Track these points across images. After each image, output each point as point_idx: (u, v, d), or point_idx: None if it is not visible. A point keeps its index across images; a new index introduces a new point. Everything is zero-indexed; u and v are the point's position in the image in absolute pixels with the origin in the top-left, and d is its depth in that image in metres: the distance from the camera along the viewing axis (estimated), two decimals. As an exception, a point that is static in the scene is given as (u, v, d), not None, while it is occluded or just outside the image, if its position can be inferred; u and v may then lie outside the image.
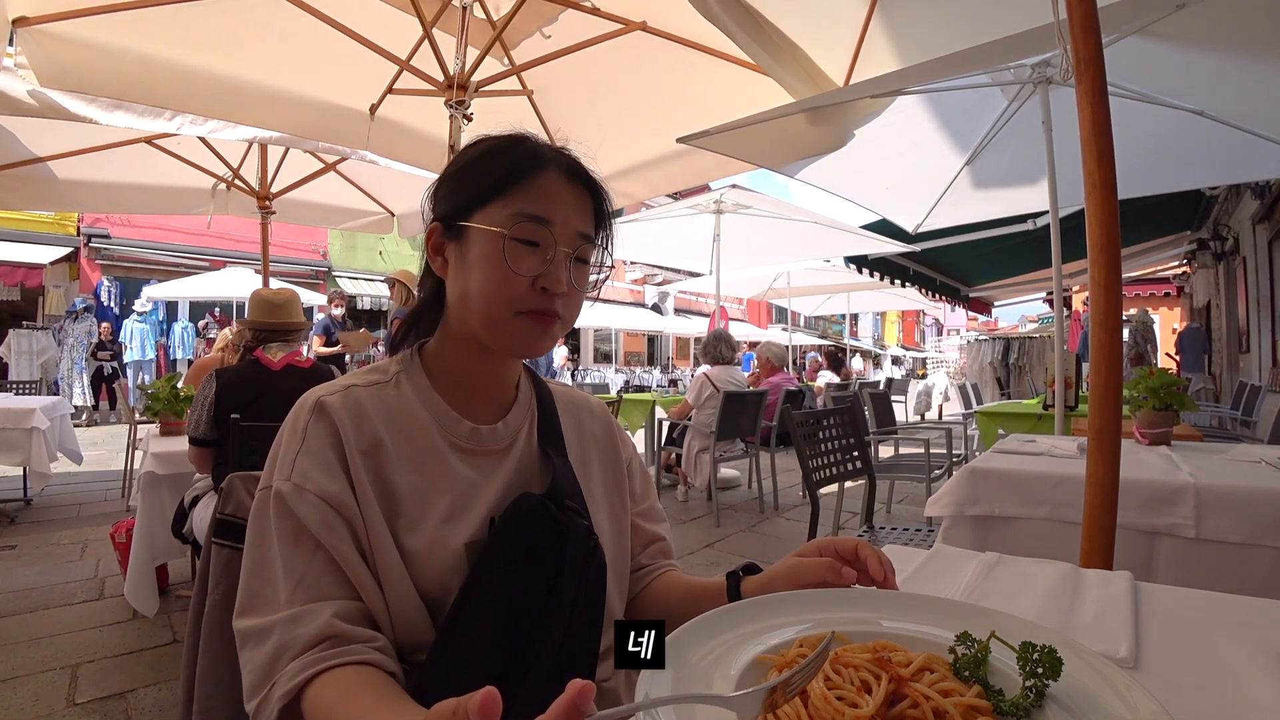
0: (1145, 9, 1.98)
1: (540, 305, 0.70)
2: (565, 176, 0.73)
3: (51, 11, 2.38)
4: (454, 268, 0.74)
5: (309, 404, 0.70)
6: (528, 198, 0.71)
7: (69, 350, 10.27)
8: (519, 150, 0.73)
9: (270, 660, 0.59)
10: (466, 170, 0.74)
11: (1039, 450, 2.04)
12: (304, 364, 2.42)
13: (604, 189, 0.78)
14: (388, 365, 0.78)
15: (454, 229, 0.73)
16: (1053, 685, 0.48)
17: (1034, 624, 0.57)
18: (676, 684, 0.48)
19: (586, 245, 0.74)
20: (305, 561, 0.63)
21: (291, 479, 0.65)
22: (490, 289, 0.69)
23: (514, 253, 0.69)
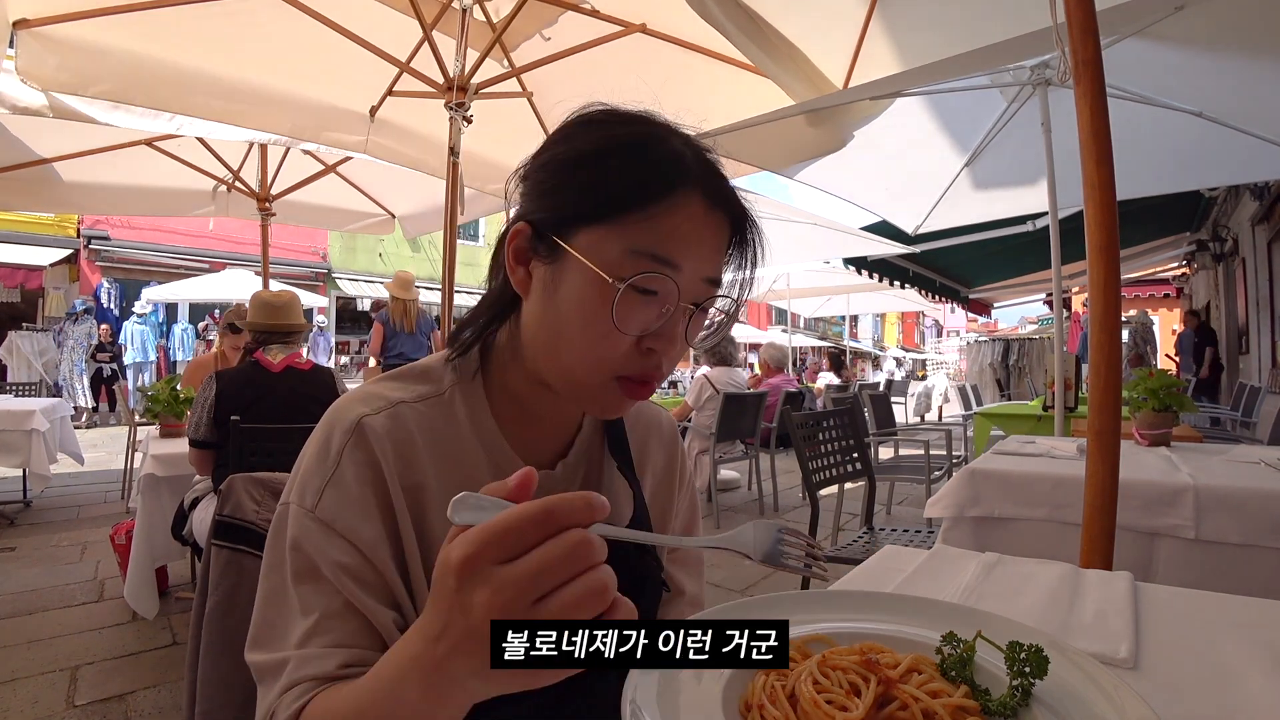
0: (1144, 11, 1.98)
1: (642, 372, 0.57)
2: (706, 200, 0.56)
3: (52, 14, 2.38)
4: (539, 294, 0.58)
5: (345, 422, 0.58)
6: (655, 229, 0.54)
7: (69, 352, 10.27)
8: (656, 151, 0.56)
9: (275, 699, 0.52)
10: (577, 167, 0.57)
11: (1039, 451, 2.05)
12: (304, 366, 2.42)
13: (752, 219, 0.60)
14: (441, 371, 0.65)
15: (547, 242, 0.57)
16: (1041, 686, 0.48)
17: (1021, 624, 0.57)
18: (662, 682, 0.48)
19: (713, 296, 0.58)
20: (324, 602, 0.54)
21: (317, 513, 0.55)
22: (584, 344, 0.55)
23: (626, 306, 0.53)
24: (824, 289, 10.36)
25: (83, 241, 11.52)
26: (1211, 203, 8.38)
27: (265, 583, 0.57)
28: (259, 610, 0.57)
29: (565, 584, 0.35)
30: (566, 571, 0.35)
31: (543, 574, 0.35)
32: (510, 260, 0.60)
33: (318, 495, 0.56)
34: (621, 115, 0.60)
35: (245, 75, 2.89)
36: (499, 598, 0.35)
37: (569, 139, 0.59)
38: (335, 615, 0.54)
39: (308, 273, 14.05)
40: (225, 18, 2.61)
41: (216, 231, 12.59)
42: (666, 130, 0.59)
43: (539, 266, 0.58)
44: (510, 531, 0.36)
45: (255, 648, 0.55)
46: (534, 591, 0.35)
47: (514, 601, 0.35)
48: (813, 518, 2.30)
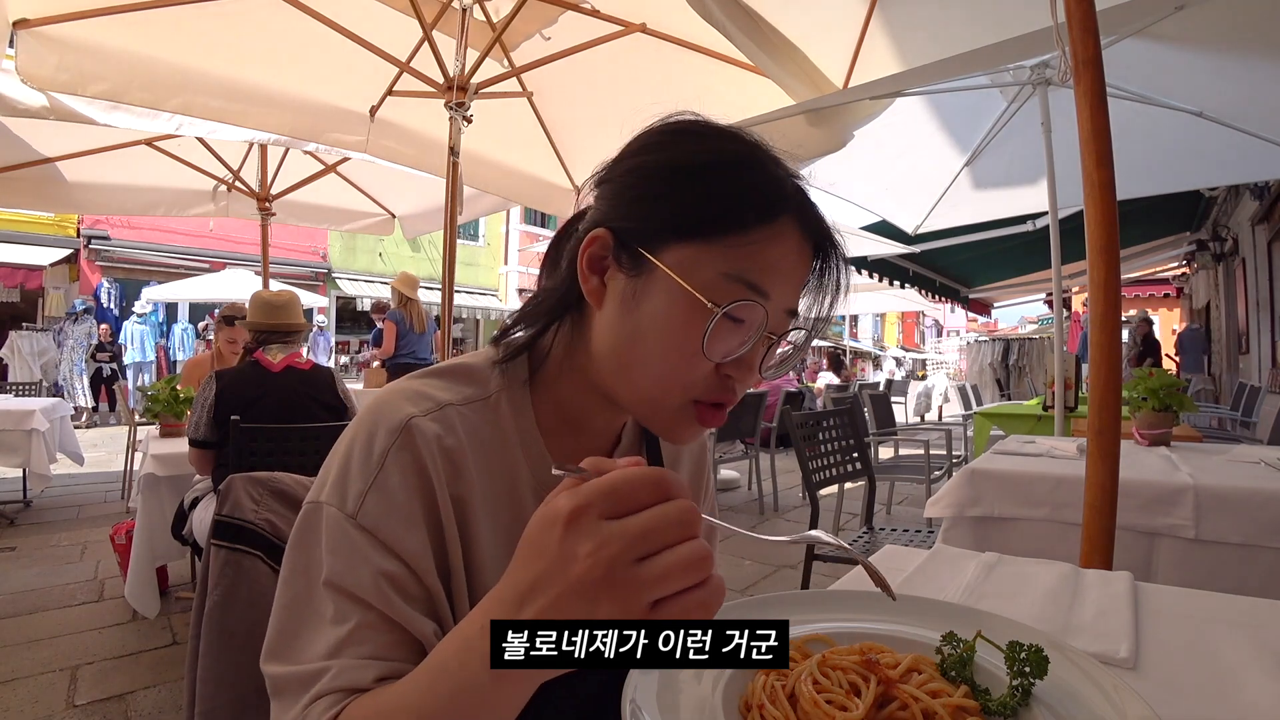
0: (1144, 10, 1.98)
1: (720, 395, 0.55)
2: (800, 229, 0.54)
3: (52, 13, 2.38)
4: (615, 308, 0.55)
5: (392, 422, 0.54)
6: (753, 255, 0.52)
7: (69, 352, 10.27)
8: (761, 172, 0.54)
9: (300, 712, 0.47)
10: (673, 178, 0.54)
11: (1039, 451, 2.05)
12: (304, 365, 2.42)
13: (841, 250, 0.58)
14: (488, 373, 0.61)
15: (631, 253, 0.54)
16: (1041, 686, 0.48)
17: (1021, 624, 0.57)
18: (662, 682, 0.48)
19: (792, 331, 0.57)
20: (360, 610, 0.49)
21: (359, 519, 0.51)
22: (664, 367, 0.53)
23: (716, 331, 0.51)
24: (824, 289, 10.32)
25: (83, 241, 11.51)
26: (1211, 202, 8.38)
27: (288, 588, 0.53)
28: (279, 618, 0.52)
29: (669, 548, 0.35)
30: (673, 536, 0.35)
31: (651, 534, 0.35)
32: (584, 267, 0.56)
33: (359, 500, 0.52)
34: (718, 129, 0.57)
35: (245, 75, 2.89)
36: (605, 551, 0.34)
37: (662, 147, 0.57)
38: (372, 626, 0.49)
39: (308, 273, 14.04)
40: (225, 17, 2.61)
41: (216, 231, 12.58)
42: (766, 152, 0.57)
43: (618, 278, 0.55)
44: (623, 488, 0.35)
45: (274, 659, 0.51)
46: (640, 549, 0.34)
47: (619, 557, 0.34)
48: (813, 518, 2.30)
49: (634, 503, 0.35)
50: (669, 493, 0.36)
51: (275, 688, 0.50)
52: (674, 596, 0.35)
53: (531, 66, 2.72)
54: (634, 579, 0.34)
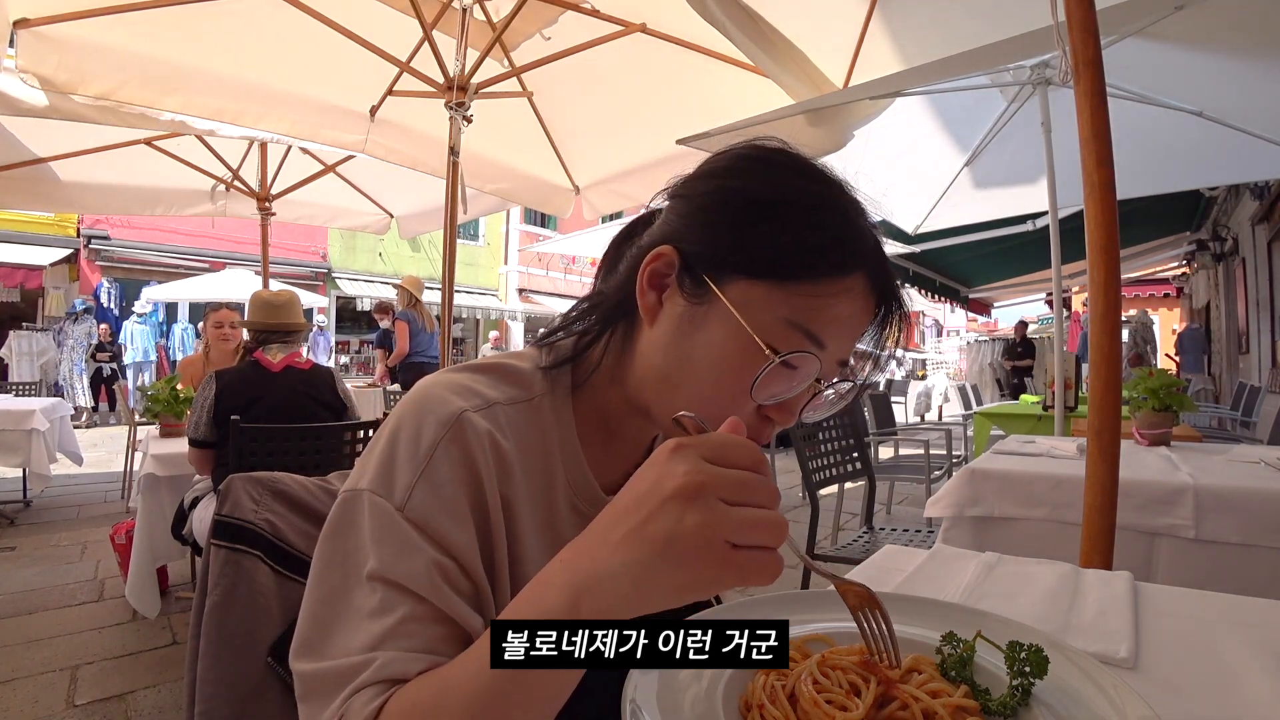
0: (1144, 10, 1.98)
1: (754, 436, 0.53)
2: (871, 286, 0.54)
3: (52, 13, 2.38)
4: (670, 328, 0.55)
5: (443, 414, 0.53)
6: (820, 308, 0.52)
7: (69, 351, 10.27)
8: (843, 223, 0.54)
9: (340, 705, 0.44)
10: (753, 209, 0.53)
11: (1039, 451, 2.05)
12: (303, 365, 2.42)
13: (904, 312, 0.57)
14: (532, 376, 0.60)
15: (695, 278, 0.54)
16: (1041, 686, 0.48)
17: (1020, 624, 0.57)
18: (662, 682, 0.48)
19: (839, 381, 0.57)
20: (409, 603, 0.47)
21: (406, 512, 0.49)
22: (708, 399, 0.53)
23: (768, 376, 0.51)
24: (824, 288, 10.34)
25: (83, 241, 11.51)
26: (1211, 202, 8.38)
27: (323, 581, 0.50)
28: (313, 611, 0.49)
29: (755, 506, 0.37)
30: (761, 498, 0.38)
31: (743, 486, 0.37)
32: (644, 282, 0.56)
33: (407, 492, 0.50)
34: (804, 164, 0.57)
35: (245, 74, 2.89)
36: (699, 476, 0.37)
37: (743, 174, 0.56)
38: (421, 619, 0.47)
39: (308, 272, 14.04)
40: (225, 17, 2.61)
41: (216, 231, 12.58)
42: (849, 197, 0.56)
43: (677, 300, 0.55)
44: (728, 446, 0.39)
45: (306, 655, 0.48)
46: (730, 493, 0.37)
47: (710, 485, 0.37)
48: (813, 517, 2.29)
49: (734, 461, 0.38)
50: (763, 470, 0.39)
51: (307, 688, 0.47)
52: (750, 549, 0.37)
53: (531, 66, 2.72)
54: (721, 511, 0.37)
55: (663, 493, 0.37)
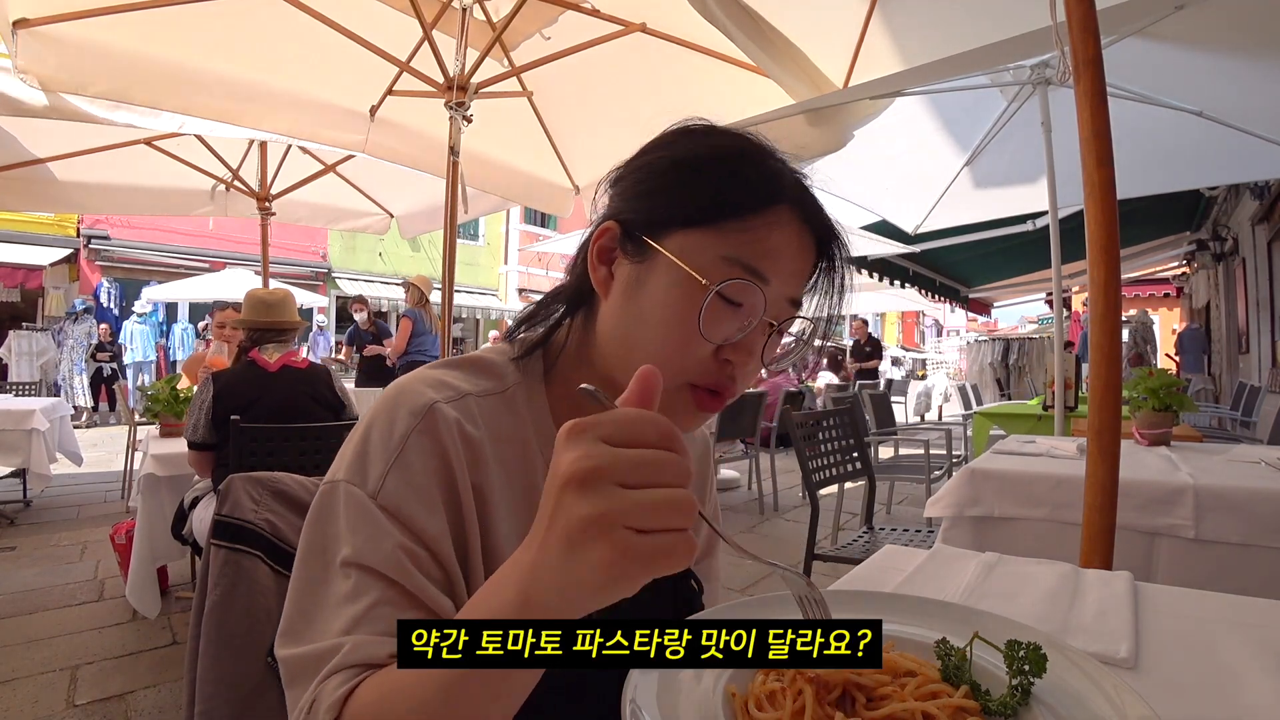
0: (1144, 10, 1.98)
1: (717, 380, 0.56)
2: (799, 217, 0.57)
3: (52, 13, 2.38)
4: (620, 294, 0.58)
5: (415, 405, 0.55)
6: (748, 239, 0.54)
7: (69, 351, 10.27)
8: (753, 167, 0.57)
9: (315, 688, 0.46)
10: (675, 172, 0.57)
11: (1039, 451, 2.05)
12: (300, 364, 2.42)
13: (841, 241, 0.60)
14: (504, 368, 0.62)
15: (636, 242, 0.57)
16: (1041, 686, 0.48)
17: (1020, 624, 0.57)
18: (662, 682, 0.48)
19: (791, 319, 0.58)
20: (380, 588, 0.49)
21: (379, 500, 0.51)
22: (664, 348, 0.54)
23: (712, 311, 0.53)
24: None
25: (82, 241, 11.51)
26: (1211, 202, 8.38)
27: (304, 569, 0.52)
28: (294, 599, 0.51)
29: (659, 486, 0.35)
30: (664, 477, 0.35)
31: (643, 466, 0.35)
32: (593, 258, 0.59)
33: (380, 480, 0.52)
34: (720, 128, 0.60)
35: (245, 74, 2.89)
36: (591, 460, 0.34)
37: (668, 145, 0.60)
38: (390, 603, 0.49)
39: (308, 272, 14.05)
40: (225, 17, 2.61)
41: (216, 231, 12.58)
42: (764, 147, 0.59)
43: (624, 265, 0.58)
44: (629, 422, 0.36)
45: (288, 641, 0.50)
46: (626, 474, 0.34)
47: (604, 470, 0.34)
48: (813, 517, 2.29)
49: (636, 439, 0.35)
50: (672, 444, 0.36)
51: (289, 673, 0.49)
52: (653, 533, 0.34)
53: (531, 66, 2.72)
54: (617, 496, 0.34)
55: (556, 483, 0.36)
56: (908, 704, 0.46)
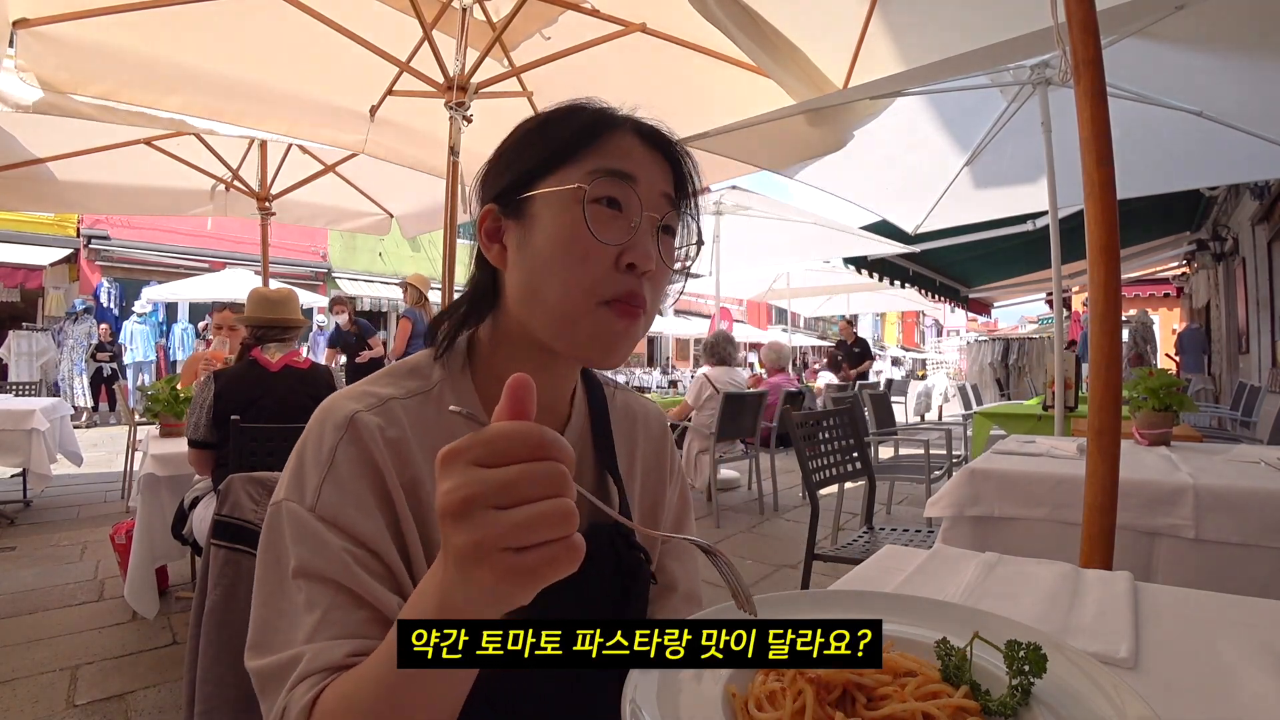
0: (1144, 10, 1.98)
1: (626, 288, 0.58)
2: (640, 137, 0.62)
3: (52, 13, 2.38)
4: (515, 253, 0.61)
5: (338, 418, 0.58)
6: (606, 152, 0.59)
7: (69, 351, 10.26)
8: (585, 111, 0.63)
9: (285, 696, 0.50)
10: (524, 140, 0.63)
11: (1039, 451, 2.04)
12: (302, 364, 2.42)
13: (685, 150, 0.66)
14: (429, 368, 0.66)
15: (514, 205, 0.61)
16: (1041, 686, 0.48)
17: (1020, 624, 0.57)
18: (662, 682, 0.48)
19: (672, 213, 0.63)
20: (329, 594, 0.53)
21: (317, 511, 0.55)
22: (566, 269, 0.58)
23: (596, 217, 0.57)
24: (824, 288, 10.36)
25: (82, 241, 11.51)
26: (1211, 202, 8.38)
27: (262, 587, 0.56)
28: (257, 613, 0.55)
29: (530, 502, 0.36)
30: (536, 492, 0.36)
31: (512, 486, 0.36)
32: (484, 241, 0.64)
33: (316, 493, 0.56)
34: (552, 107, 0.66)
35: (245, 74, 2.89)
36: (462, 490, 0.36)
37: (512, 134, 0.66)
38: (341, 607, 0.53)
39: (308, 272, 14.05)
40: (225, 17, 2.61)
41: (216, 231, 12.58)
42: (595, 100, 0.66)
43: (511, 230, 0.62)
44: (497, 441, 0.37)
45: (256, 653, 0.54)
46: (499, 498, 0.36)
47: (475, 498, 0.36)
48: (813, 517, 2.29)
49: (506, 456, 0.37)
50: (545, 453, 0.37)
51: (259, 683, 0.53)
52: (532, 548, 0.36)
53: (532, 66, 2.72)
54: (490, 521, 0.36)
55: (438, 514, 0.37)
56: (908, 704, 0.46)
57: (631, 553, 0.69)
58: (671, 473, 0.80)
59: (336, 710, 0.47)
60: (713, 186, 6.27)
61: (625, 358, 0.63)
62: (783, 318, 22.51)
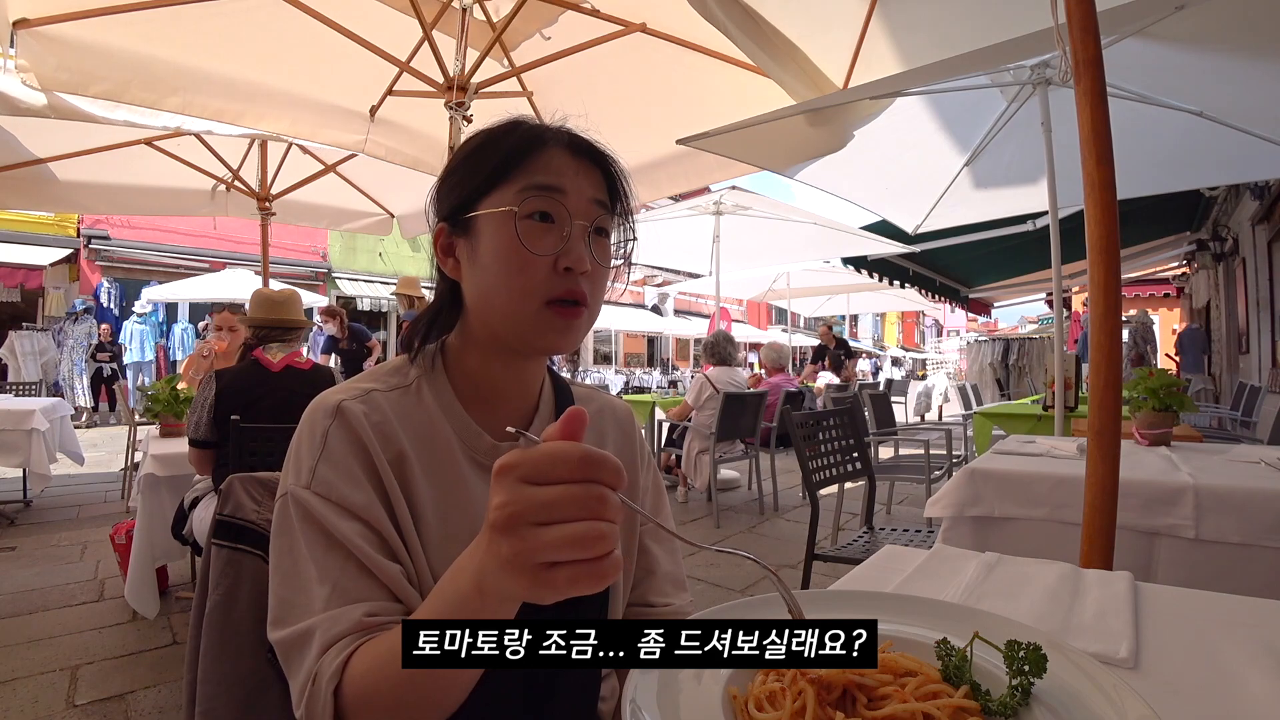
0: (1144, 10, 1.98)
1: (565, 289, 0.65)
2: (569, 151, 0.68)
3: (51, 13, 2.38)
4: (467, 266, 0.69)
5: (327, 407, 0.65)
6: (535, 170, 0.65)
7: (69, 351, 10.26)
8: (516, 133, 0.68)
9: (314, 660, 0.55)
10: (465, 163, 0.70)
11: (1039, 451, 2.04)
12: (303, 365, 2.42)
13: (612, 158, 0.71)
14: (407, 368, 0.72)
15: (461, 224, 0.68)
16: (1041, 686, 0.48)
17: (1020, 624, 0.57)
18: (662, 682, 0.48)
19: (604, 215, 0.68)
20: (339, 567, 0.59)
21: (313, 488, 0.61)
22: (509, 279, 0.64)
23: (529, 232, 0.64)
24: (824, 288, 10.36)
25: (83, 241, 11.51)
26: (1212, 202, 8.38)
27: (277, 570, 0.61)
28: (275, 593, 0.60)
29: (567, 522, 0.39)
30: (578, 511, 0.40)
31: (553, 506, 0.40)
32: (440, 256, 0.71)
33: (311, 473, 0.62)
34: (488, 126, 0.72)
35: (245, 74, 2.89)
36: (510, 507, 0.40)
37: (455, 156, 0.72)
38: (351, 576, 0.59)
39: (308, 272, 14.04)
40: (225, 17, 2.61)
41: (216, 231, 12.59)
42: (528, 118, 0.71)
43: (461, 246, 0.69)
44: (544, 462, 0.40)
45: (277, 626, 0.59)
46: (541, 515, 0.40)
47: (520, 515, 0.40)
48: (813, 517, 2.29)
49: (552, 475, 0.40)
50: (590, 474, 0.40)
51: (283, 652, 0.58)
52: (565, 564, 0.40)
53: (531, 66, 2.72)
54: (530, 537, 0.40)
55: (488, 522, 0.42)
56: (908, 704, 0.46)
57: None
58: (643, 459, 0.85)
59: (365, 677, 0.52)
60: (712, 186, 6.27)
61: (575, 346, 0.69)
62: (783, 318, 22.50)
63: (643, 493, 0.83)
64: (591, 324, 0.69)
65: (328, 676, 0.53)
